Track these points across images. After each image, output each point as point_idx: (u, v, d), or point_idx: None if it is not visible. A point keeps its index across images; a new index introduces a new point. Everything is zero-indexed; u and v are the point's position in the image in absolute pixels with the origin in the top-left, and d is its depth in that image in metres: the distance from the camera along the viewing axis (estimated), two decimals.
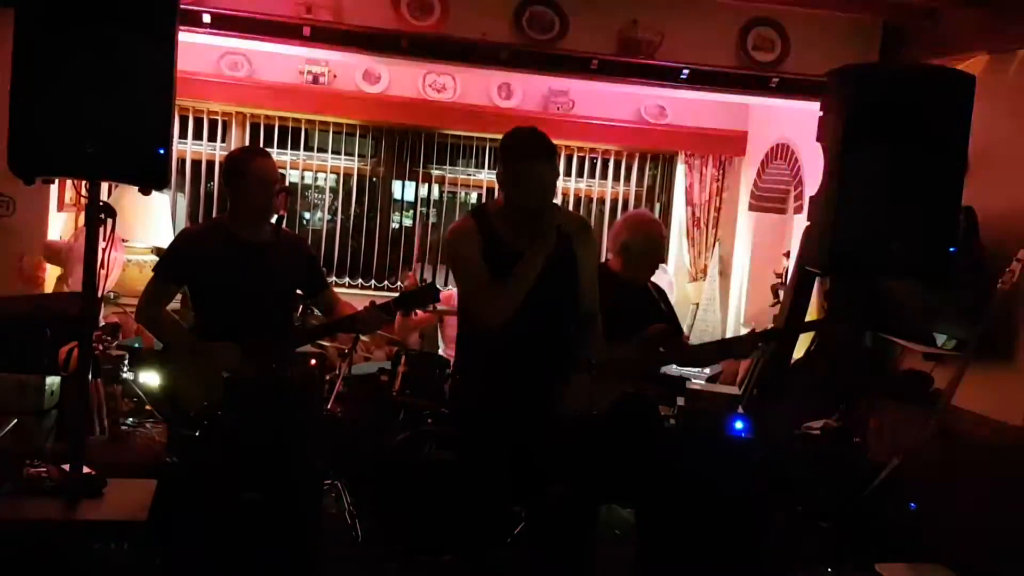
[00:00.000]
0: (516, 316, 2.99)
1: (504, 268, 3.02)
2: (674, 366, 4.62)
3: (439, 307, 5.26)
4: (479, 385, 3.21)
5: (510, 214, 3.11)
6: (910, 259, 3.30)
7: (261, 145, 6.93)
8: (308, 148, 7.25)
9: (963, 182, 3.40)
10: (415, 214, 7.47)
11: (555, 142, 3.18)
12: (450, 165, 7.47)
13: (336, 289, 3.90)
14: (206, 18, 4.97)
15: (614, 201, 7.62)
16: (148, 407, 4.87)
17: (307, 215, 7.51)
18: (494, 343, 3.10)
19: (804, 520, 4.07)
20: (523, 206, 3.06)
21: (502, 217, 3.14)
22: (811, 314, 5.69)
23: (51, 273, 5.60)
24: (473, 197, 7.62)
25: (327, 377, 5.21)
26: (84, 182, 3.11)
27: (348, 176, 7.36)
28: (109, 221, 3.12)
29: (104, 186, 3.24)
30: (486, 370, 3.19)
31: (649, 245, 3.94)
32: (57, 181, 4.90)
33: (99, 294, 3.21)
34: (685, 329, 4.50)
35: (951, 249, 3.36)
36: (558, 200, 5.85)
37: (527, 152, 3.06)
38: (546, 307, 3.06)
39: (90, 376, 3.26)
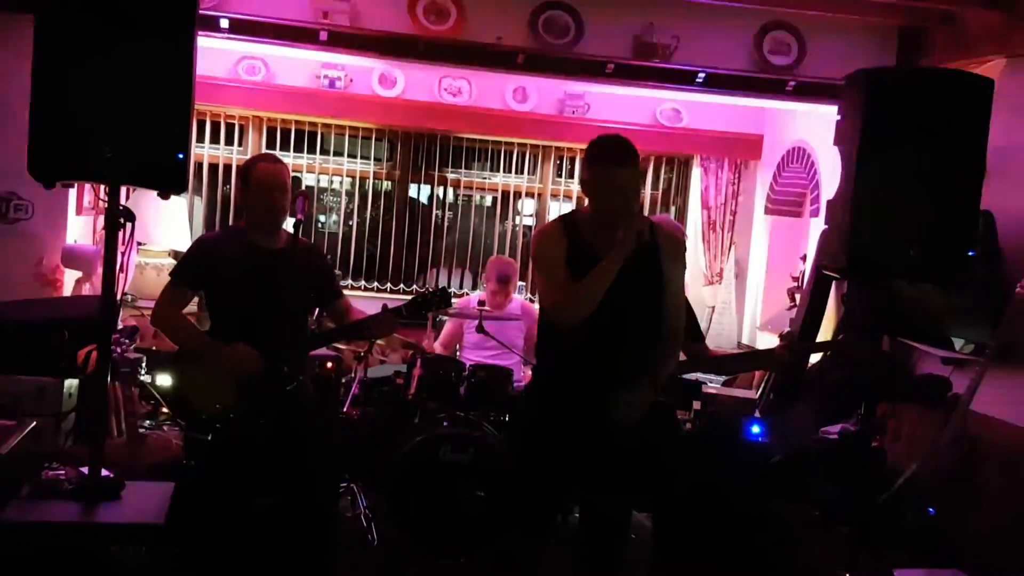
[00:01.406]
0: (591, 321, 2.98)
1: (586, 272, 3.02)
2: None
3: (451, 312, 5.27)
4: (548, 386, 3.23)
5: (595, 220, 3.12)
6: (928, 263, 3.28)
7: (277, 149, 6.96)
8: (324, 152, 7.27)
9: (981, 186, 3.38)
10: (431, 217, 7.48)
11: (569, 146, 3.20)
12: (465, 168, 7.47)
13: (351, 292, 3.91)
14: (224, 23, 5.01)
15: None
16: (165, 409, 4.90)
17: (323, 218, 7.54)
18: (567, 345, 3.11)
19: (822, 525, 4.05)
20: (604, 211, 3.06)
21: (588, 223, 3.14)
22: (828, 318, 5.67)
23: (69, 276, 5.63)
24: (488, 200, 7.63)
25: (343, 380, 5.22)
26: (103, 186, 3.13)
27: (364, 180, 7.38)
28: (128, 225, 3.14)
29: (122, 190, 3.25)
30: (557, 372, 3.20)
31: None
32: (76, 185, 4.93)
33: (117, 297, 3.22)
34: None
35: (969, 253, 3.34)
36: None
37: (607, 157, 3.09)
38: (622, 315, 3.06)
39: (108, 379, 3.27)
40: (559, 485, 3.19)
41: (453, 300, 3.78)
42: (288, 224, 3.57)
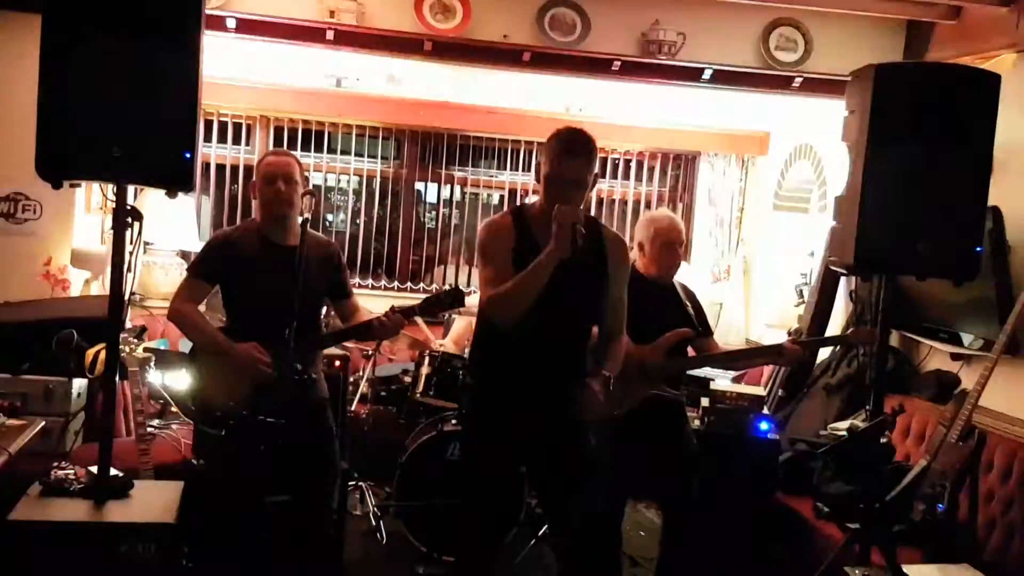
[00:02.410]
0: (530, 316, 2.96)
1: (522, 263, 3.00)
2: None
3: (463, 311, 5.27)
4: (488, 382, 3.21)
5: (542, 212, 3.09)
6: (936, 259, 3.28)
7: (285, 148, 6.96)
8: (331, 151, 7.27)
9: (989, 181, 3.37)
10: (438, 215, 7.49)
11: None
12: (472, 167, 7.47)
13: (360, 291, 3.92)
14: (231, 23, 5.02)
15: (636, 202, 7.60)
16: (174, 409, 4.91)
17: (330, 217, 7.54)
18: (506, 341, 3.09)
19: (831, 521, 4.05)
20: (549, 202, 3.04)
21: (538, 218, 3.12)
22: (836, 315, 5.67)
23: (77, 276, 5.65)
24: (495, 198, 7.63)
25: (351, 378, 5.24)
26: (111, 186, 3.14)
27: (371, 178, 7.39)
28: (136, 225, 3.15)
29: (129, 189, 3.26)
30: (496, 368, 3.19)
31: (668, 240, 3.92)
32: (84, 185, 4.94)
33: (126, 297, 3.23)
34: None
35: (977, 248, 3.34)
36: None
37: (557, 147, 3.04)
38: (562, 312, 3.05)
39: (116, 378, 3.27)
40: (510, 485, 3.18)
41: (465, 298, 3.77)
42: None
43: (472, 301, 3.70)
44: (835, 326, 5.68)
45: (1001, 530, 3.97)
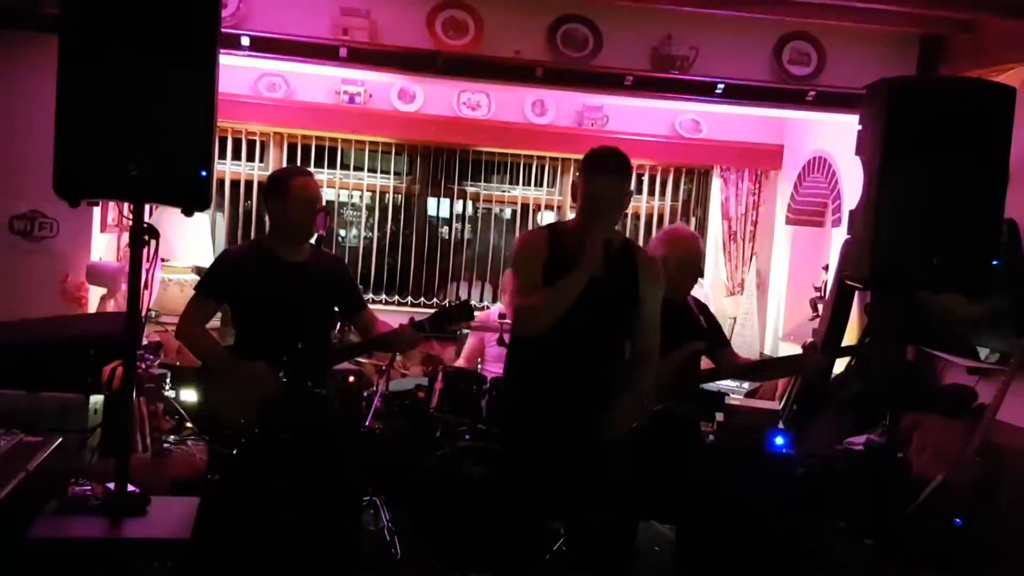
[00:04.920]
0: (559, 332, 2.97)
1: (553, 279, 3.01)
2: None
3: (473, 325, 5.28)
4: (519, 398, 3.22)
5: (576, 229, 3.11)
6: (952, 272, 3.26)
7: (298, 164, 6.99)
8: (344, 167, 7.31)
9: (1004, 194, 3.36)
10: (450, 230, 7.50)
11: None
12: (484, 182, 7.50)
13: (372, 306, 3.92)
14: (245, 41, 5.05)
15: (649, 216, 7.60)
16: (189, 425, 4.92)
17: (343, 233, 7.57)
18: (535, 356, 3.10)
19: (847, 536, 4.03)
20: (583, 219, 3.06)
21: (573, 234, 3.13)
22: (850, 329, 5.64)
23: (94, 293, 5.68)
24: (508, 213, 7.64)
25: (364, 394, 5.24)
26: (127, 204, 3.15)
27: (383, 194, 7.42)
28: (152, 242, 3.16)
29: (145, 207, 3.27)
30: (526, 383, 3.19)
31: (686, 260, 3.91)
32: (100, 203, 4.97)
33: (142, 313, 3.24)
34: None
35: (993, 262, 3.32)
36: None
37: (594, 166, 3.10)
38: (592, 330, 3.05)
39: (133, 395, 3.29)
40: (545, 503, 3.16)
41: (475, 313, 3.78)
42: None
43: (483, 316, 3.72)
44: (849, 340, 5.65)
45: (1018, 545, 3.94)
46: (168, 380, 4.80)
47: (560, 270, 3.03)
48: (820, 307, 6.05)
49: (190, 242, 6.14)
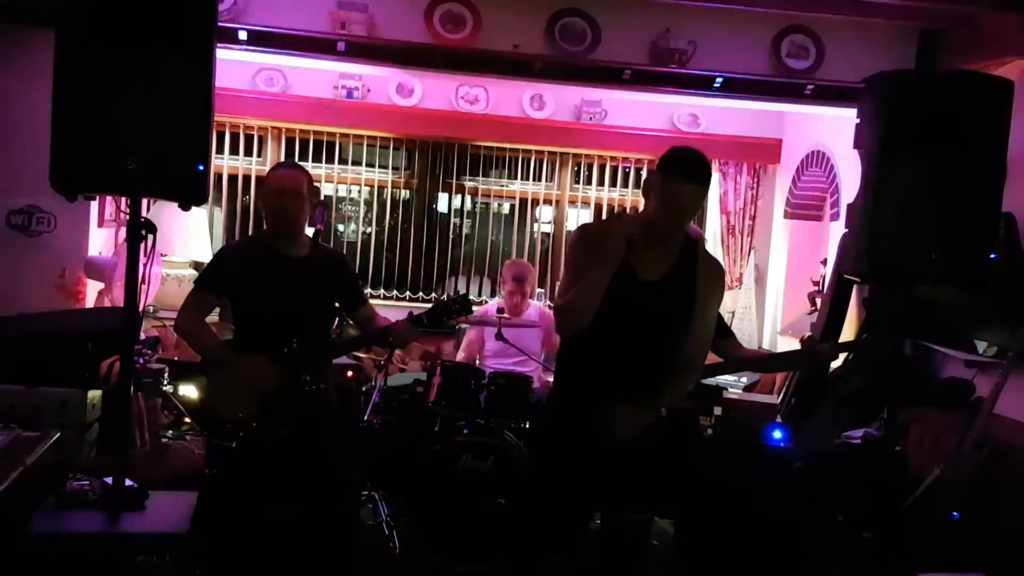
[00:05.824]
0: (608, 333, 2.93)
1: (617, 281, 2.92)
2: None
3: (471, 320, 5.27)
4: (563, 399, 3.19)
5: (640, 226, 3.01)
6: (950, 266, 3.25)
7: (296, 159, 6.99)
8: (342, 161, 7.31)
9: (1002, 188, 3.36)
10: (449, 225, 7.50)
11: (587, 152, 3.17)
12: (483, 176, 7.49)
13: (371, 301, 3.92)
14: (242, 35, 5.04)
15: None
16: (187, 419, 4.92)
17: (341, 228, 7.57)
18: (583, 356, 3.07)
19: (845, 530, 4.03)
20: (652, 219, 2.98)
21: (647, 234, 3.00)
22: (849, 322, 5.65)
23: (92, 288, 5.67)
24: (506, 208, 7.64)
25: (363, 388, 5.24)
26: (125, 198, 3.15)
27: (382, 189, 7.42)
28: (150, 237, 3.16)
29: (143, 201, 3.27)
30: (572, 383, 3.16)
31: None
32: (97, 197, 4.97)
33: (139, 308, 3.24)
34: None
35: (991, 255, 3.32)
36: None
37: (673, 167, 2.95)
38: (643, 331, 2.98)
39: (131, 389, 3.29)
40: (581, 499, 3.13)
41: (473, 308, 3.77)
42: (309, 233, 3.61)
43: (481, 310, 3.71)
44: (847, 334, 5.65)
45: (1016, 538, 3.94)
46: (166, 375, 4.80)
47: (623, 270, 2.94)
48: (818, 301, 6.05)
49: (188, 237, 6.14)
